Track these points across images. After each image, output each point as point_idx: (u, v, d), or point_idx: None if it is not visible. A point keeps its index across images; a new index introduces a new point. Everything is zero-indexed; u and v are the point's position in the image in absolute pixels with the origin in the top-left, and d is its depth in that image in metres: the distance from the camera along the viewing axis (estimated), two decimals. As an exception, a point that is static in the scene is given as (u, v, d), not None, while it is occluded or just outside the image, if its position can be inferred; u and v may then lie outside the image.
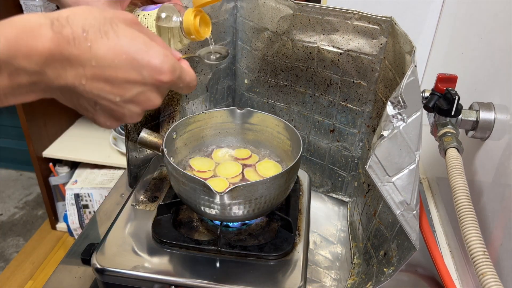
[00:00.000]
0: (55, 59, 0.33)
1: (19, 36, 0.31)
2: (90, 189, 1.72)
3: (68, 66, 0.34)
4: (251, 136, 0.80)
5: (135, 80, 0.38)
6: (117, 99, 0.38)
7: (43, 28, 0.33)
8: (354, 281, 0.66)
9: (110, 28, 0.36)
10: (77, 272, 0.68)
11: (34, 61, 0.32)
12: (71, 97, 0.38)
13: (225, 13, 0.81)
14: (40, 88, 0.35)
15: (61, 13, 0.35)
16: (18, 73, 0.32)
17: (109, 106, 0.39)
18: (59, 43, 0.33)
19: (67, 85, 0.35)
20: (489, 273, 0.48)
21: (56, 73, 0.34)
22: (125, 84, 0.37)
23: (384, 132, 0.50)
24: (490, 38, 0.71)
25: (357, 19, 0.67)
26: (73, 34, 0.34)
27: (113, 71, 0.36)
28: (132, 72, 0.37)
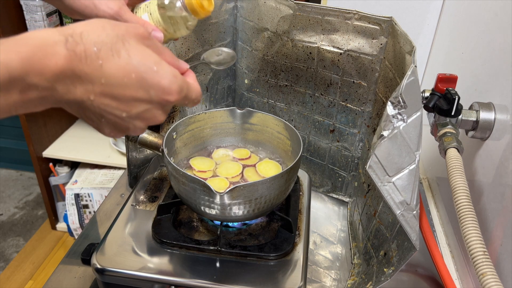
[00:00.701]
0: (66, 76, 0.34)
1: (34, 54, 0.32)
2: (90, 189, 1.72)
3: (78, 82, 0.35)
4: (251, 136, 0.80)
5: (143, 98, 0.39)
6: (123, 115, 0.39)
7: (57, 45, 0.33)
8: (354, 281, 0.66)
9: (122, 46, 0.37)
10: (77, 272, 0.68)
11: (46, 78, 0.33)
12: (77, 110, 0.38)
13: (225, 13, 0.81)
14: (48, 102, 0.35)
15: (76, 29, 0.35)
16: (29, 89, 0.33)
17: (115, 120, 0.40)
18: (72, 60, 0.34)
19: (75, 100, 0.36)
20: (489, 273, 0.48)
21: (65, 89, 0.35)
22: (132, 101, 0.38)
23: (384, 132, 0.50)
24: (490, 38, 0.71)
25: (357, 19, 0.67)
26: (85, 52, 0.34)
27: (121, 89, 0.37)
28: (140, 91, 0.38)
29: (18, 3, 1.50)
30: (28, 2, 1.49)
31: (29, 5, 1.49)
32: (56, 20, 1.58)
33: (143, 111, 0.40)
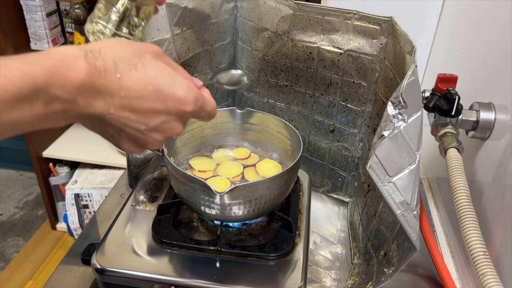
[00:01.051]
0: (87, 89, 0.35)
1: (56, 66, 0.33)
2: (90, 189, 1.72)
3: (98, 96, 0.36)
4: (251, 136, 0.80)
5: (161, 110, 0.40)
6: (142, 128, 0.40)
7: (78, 59, 0.35)
8: (354, 281, 0.66)
9: (139, 60, 0.38)
10: (77, 272, 0.68)
11: (68, 90, 0.34)
12: (98, 125, 0.40)
13: (225, 13, 0.81)
14: (70, 116, 0.36)
15: (94, 46, 0.37)
16: (52, 101, 0.34)
17: (134, 134, 0.41)
18: (92, 74, 0.35)
19: (96, 114, 0.37)
20: (490, 273, 0.48)
21: (86, 102, 0.36)
22: (151, 113, 0.39)
23: (385, 132, 0.49)
24: (491, 38, 0.71)
25: (357, 19, 0.67)
26: (104, 66, 0.36)
27: (140, 102, 0.38)
28: (158, 103, 0.39)
29: (18, 3, 1.50)
30: (28, 2, 1.49)
31: (29, 5, 1.49)
32: (56, 20, 1.58)
33: (161, 123, 0.41)
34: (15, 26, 1.53)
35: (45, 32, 1.54)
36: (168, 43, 0.72)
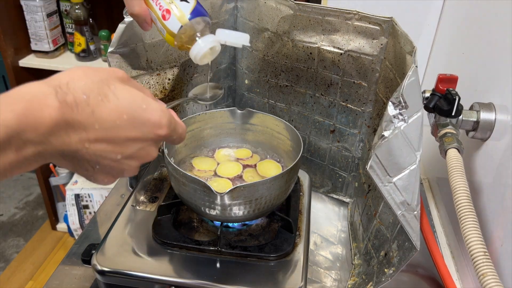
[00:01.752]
0: (60, 127, 0.34)
1: (27, 109, 0.32)
2: (90, 190, 1.72)
3: (71, 132, 0.35)
4: (251, 136, 0.80)
5: (136, 137, 0.39)
6: (118, 157, 0.39)
7: (48, 97, 0.33)
8: (355, 282, 0.66)
9: (108, 89, 0.37)
10: (78, 273, 0.68)
11: (41, 133, 0.33)
12: (72, 161, 0.38)
13: (225, 14, 0.81)
14: (43, 157, 0.35)
15: (61, 79, 0.36)
16: (25, 145, 0.32)
17: (110, 164, 0.40)
18: (64, 111, 0.34)
19: (70, 150, 0.36)
20: (490, 273, 0.48)
21: (60, 141, 0.35)
22: (127, 141, 0.39)
23: (385, 132, 0.49)
24: (491, 39, 0.71)
25: (358, 19, 0.67)
26: (75, 100, 0.35)
27: (115, 132, 0.37)
28: (133, 131, 0.39)
29: (19, 4, 1.50)
30: (28, 2, 1.49)
31: (30, 6, 1.49)
32: (56, 20, 1.59)
33: (137, 150, 0.40)
34: (16, 26, 1.53)
35: (46, 33, 1.54)
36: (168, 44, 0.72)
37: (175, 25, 0.52)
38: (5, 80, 2.69)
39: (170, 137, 0.44)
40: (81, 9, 1.54)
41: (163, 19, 0.53)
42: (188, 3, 0.52)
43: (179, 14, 0.52)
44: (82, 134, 0.36)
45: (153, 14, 0.54)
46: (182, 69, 0.76)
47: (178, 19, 0.52)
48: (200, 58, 0.54)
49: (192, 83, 0.81)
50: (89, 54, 1.59)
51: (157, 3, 0.53)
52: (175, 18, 0.52)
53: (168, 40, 0.54)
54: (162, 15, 0.53)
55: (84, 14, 1.55)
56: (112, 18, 1.74)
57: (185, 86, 0.79)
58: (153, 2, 0.53)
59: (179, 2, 0.52)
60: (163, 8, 0.52)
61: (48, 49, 1.58)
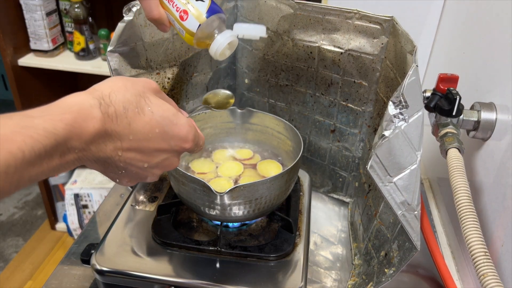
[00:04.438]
0: (100, 137, 0.38)
1: (75, 120, 0.35)
2: (89, 189, 1.72)
3: (108, 141, 0.39)
4: (251, 136, 0.80)
5: (164, 148, 0.44)
6: (145, 165, 0.43)
7: (93, 109, 0.37)
8: (355, 282, 0.66)
9: (144, 103, 0.42)
10: (77, 273, 0.68)
11: (84, 141, 0.36)
12: (103, 165, 0.42)
13: (225, 13, 0.81)
14: (80, 161, 0.38)
15: (103, 91, 0.39)
16: (68, 152, 0.36)
17: (136, 171, 0.44)
18: (105, 122, 0.38)
19: (104, 157, 0.40)
20: (490, 274, 0.48)
21: (98, 148, 0.38)
22: (155, 152, 0.43)
23: (386, 132, 0.49)
24: (492, 38, 0.71)
25: (358, 18, 0.67)
26: (116, 112, 0.39)
27: (146, 143, 0.42)
28: (162, 143, 0.43)
29: (18, 3, 1.50)
30: (27, 1, 1.49)
31: (29, 5, 1.49)
32: (55, 19, 1.58)
33: (162, 160, 0.44)
34: (15, 25, 1.52)
35: (45, 32, 1.54)
36: (168, 43, 0.71)
37: (193, 24, 0.54)
38: (4, 79, 2.69)
39: (193, 150, 0.48)
40: (80, 8, 1.53)
41: (181, 19, 0.54)
42: (204, 2, 0.54)
43: (196, 13, 0.54)
44: (117, 143, 0.40)
45: (171, 16, 0.55)
46: (182, 68, 0.76)
47: (196, 18, 0.54)
48: (220, 54, 0.57)
49: (192, 82, 0.80)
50: (88, 53, 1.59)
51: (174, 5, 0.54)
52: (193, 17, 0.54)
53: (187, 40, 0.56)
54: (180, 16, 0.54)
55: (84, 13, 1.54)
56: (112, 17, 1.74)
57: (185, 86, 0.79)
58: (169, 4, 0.54)
59: (195, 2, 0.54)
60: (180, 9, 0.54)
61: (48, 48, 1.57)
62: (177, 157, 0.46)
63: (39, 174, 0.34)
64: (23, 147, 0.31)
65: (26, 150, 0.31)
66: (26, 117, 0.33)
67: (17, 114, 0.33)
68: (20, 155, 0.31)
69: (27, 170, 0.32)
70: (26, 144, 0.31)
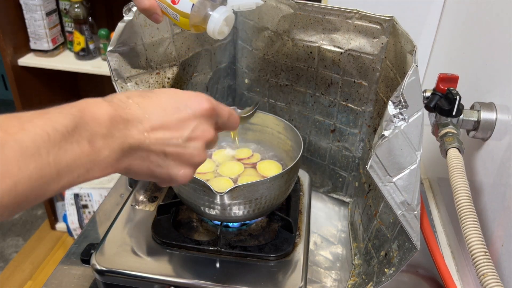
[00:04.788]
0: (117, 121, 0.38)
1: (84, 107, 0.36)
2: (89, 189, 1.72)
3: (129, 125, 0.39)
4: (251, 136, 0.80)
5: (185, 117, 0.43)
6: (180, 141, 0.42)
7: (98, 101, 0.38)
8: (355, 282, 0.66)
9: (148, 92, 0.43)
10: (77, 272, 0.68)
11: (102, 124, 0.36)
12: (143, 159, 0.41)
13: (225, 13, 0.81)
14: (115, 155, 0.37)
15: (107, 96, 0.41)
16: (94, 138, 0.35)
17: (176, 151, 0.42)
18: (115, 108, 0.38)
19: (135, 143, 0.39)
20: (490, 274, 0.48)
21: (122, 133, 0.38)
22: (179, 123, 0.42)
23: (386, 132, 0.49)
24: (492, 38, 0.71)
25: (358, 18, 0.67)
26: (121, 100, 0.40)
27: (166, 117, 0.41)
28: (181, 112, 0.42)
29: (18, 3, 1.50)
30: (27, 1, 1.49)
31: (29, 4, 1.49)
32: (55, 19, 1.58)
33: (193, 129, 0.43)
34: (15, 25, 1.52)
35: (45, 32, 1.54)
36: (168, 42, 0.71)
37: (186, 5, 0.54)
38: (4, 79, 2.69)
39: (219, 113, 0.46)
40: (80, 8, 1.53)
41: (173, 4, 0.54)
42: None
43: None
44: (139, 126, 0.39)
45: (162, 4, 0.55)
46: (182, 68, 0.76)
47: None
48: (218, 32, 0.56)
49: (192, 82, 0.80)
50: (88, 53, 1.59)
51: None
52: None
53: (183, 24, 0.55)
54: (171, 0, 0.54)
55: (84, 13, 1.54)
56: (112, 17, 1.74)
57: (185, 86, 0.79)
58: None
59: None
60: None
61: (47, 48, 1.57)
62: (206, 123, 0.44)
63: (78, 162, 0.34)
64: (46, 128, 0.32)
65: (50, 131, 0.32)
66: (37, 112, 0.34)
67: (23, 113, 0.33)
68: (45, 136, 0.31)
69: (59, 153, 0.32)
70: (47, 125, 0.32)
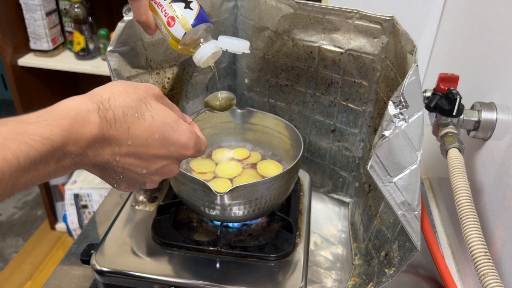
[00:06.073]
0: (97, 142, 0.37)
1: (72, 125, 0.35)
2: (89, 189, 1.71)
3: (106, 146, 0.38)
4: (251, 136, 0.80)
5: (163, 155, 0.42)
6: (144, 172, 0.42)
7: (91, 114, 0.36)
8: (355, 282, 0.66)
9: (145, 108, 0.41)
10: (77, 273, 0.68)
11: (81, 146, 0.36)
12: (101, 170, 0.41)
13: (225, 12, 0.81)
14: (77, 166, 0.38)
15: (103, 95, 0.39)
16: (65, 157, 0.35)
17: (134, 177, 0.43)
18: (103, 127, 0.37)
19: (102, 162, 0.39)
20: (491, 274, 0.48)
21: (95, 153, 0.38)
22: (153, 158, 0.42)
23: (386, 132, 0.49)
24: (492, 38, 0.71)
25: (358, 18, 0.66)
26: (114, 117, 0.38)
27: (145, 149, 0.41)
28: (161, 149, 0.42)
29: (17, 2, 1.50)
30: (27, 1, 1.48)
31: (29, 4, 1.49)
32: (55, 19, 1.58)
33: (162, 167, 0.43)
34: (14, 25, 1.52)
35: (45, 32, 1.54)
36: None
37: (179, 32, 0.55)
38: (4, 79, 2.69)
39: (194, 156, 0.47)
40: (80, 8, 1.53)
41: (168, 25, 0.55)
42: (192, 10, 0.55)
43: (183, 21, 0.54)
44: (115, 149, 0.39)
45: (158, 20, 0.56)
46: (182, 68, 0.76)
47: (182, 26, 0.54)
48: (203, 62, 0.58)
49: (192, 82, 0.80)
50: (88, 53, 1.59)
51: (162, 9, 0.55)
52: (179, 25, 0.54)
53: (172, 45, 0.57)
54: (167, 21, 0.55)
55: (83, 13, 1.54)
56: (112, 17, 1.74)
57: (185, 85, 0.79)
58: (158, 8, 0.55)
59: (183, 10, 0.55)
60: (168, 15, 0.54)
61: (47, 48, 1.57)
62: (177, 164, 0.45)
63: (34, 179, 0.33)
64: (18, 154, 0.31)
65: (21, 157, 0.31)
66: (22, 123, 0.33)
67: (13, 119, 0.33)
68: (15, 162, 0.30)
69: (22, 176, 0.32)
70: (21, 151, 0.31)
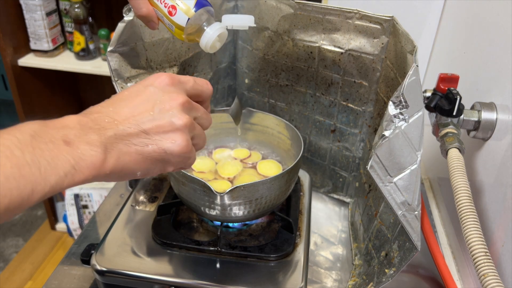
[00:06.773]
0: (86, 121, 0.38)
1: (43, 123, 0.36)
2: (89, 189, 1.72)
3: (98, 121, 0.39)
4: (251, 136, 0.80)
5: (148, 93, 0.42)
6: (152, 114, 0.41)
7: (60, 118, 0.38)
8: (355, 282, 0.66)
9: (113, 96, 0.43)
10: (77, 273, 0.68)
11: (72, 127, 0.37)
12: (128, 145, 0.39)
13: (225, 12, 0.81)
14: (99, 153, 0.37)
15: None
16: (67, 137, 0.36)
17: (154, 124, 0.41)
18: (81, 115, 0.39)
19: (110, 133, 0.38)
20: (491, 274, 0.48)
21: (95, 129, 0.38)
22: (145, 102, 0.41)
23: (386, 132, 0.49)
24: (492, 38, 0.71)
25: (359, 18, 0.66)
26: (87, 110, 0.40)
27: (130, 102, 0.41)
28: (142, 93, 0.42)
29: (18, 3, 1.50)
30: (27, 1, 1.48)
31: (29, 5, 1.49)
32: (55, 19, 1.58)
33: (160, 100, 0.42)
34: (15, 25, 1.52)
35: (45, 32, 1.54)
36: (168, 42, 0.71)
37: (182, 19, 0.54)
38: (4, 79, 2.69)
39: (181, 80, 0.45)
40: (80, 8, 1.53)
41: (169, 15, 0.55)
42: None
43: (184, 8, 0.54)
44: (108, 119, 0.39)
45: (159, 12, 0.56)
46: (182, 68, 0.76)
47: (185, 13, 0.54)
48: (210, 46, 0.57)
49: (192, 82, 0.80)
50: (88, 53, 1.59)
51: (162, 1, 0.55)
52: (181, 12, 0.54)
53: (177, 35, 0.57)
54: (168, 11, 0.55)
55: (84, 13, 1.54)
56: (112, 17, 1.74)
57: (185, 86, 0.79)
58: (157, 1, 0.55)
59: None
60: (169, 5, 0.55)
61: (47, 48, 1.57)
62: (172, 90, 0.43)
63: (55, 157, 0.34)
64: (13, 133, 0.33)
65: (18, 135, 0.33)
66: None
67: None
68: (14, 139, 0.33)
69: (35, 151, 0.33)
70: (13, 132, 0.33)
